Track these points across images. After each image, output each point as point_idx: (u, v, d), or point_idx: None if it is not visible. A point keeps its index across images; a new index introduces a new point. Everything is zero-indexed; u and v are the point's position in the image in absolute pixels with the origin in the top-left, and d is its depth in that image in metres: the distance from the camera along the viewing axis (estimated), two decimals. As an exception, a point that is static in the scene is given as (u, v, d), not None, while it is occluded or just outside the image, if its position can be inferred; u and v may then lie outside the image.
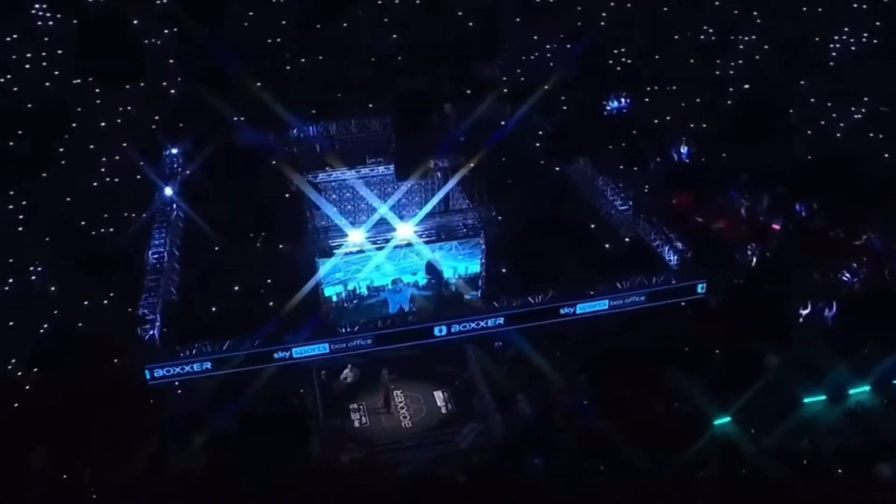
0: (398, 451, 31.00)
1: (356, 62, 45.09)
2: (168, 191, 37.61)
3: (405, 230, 33.94)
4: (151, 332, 31.32)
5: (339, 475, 29.45)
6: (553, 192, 40.16)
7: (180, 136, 40.08)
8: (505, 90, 43.63)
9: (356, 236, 33.55)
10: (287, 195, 36.53)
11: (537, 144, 42.93)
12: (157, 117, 42.09)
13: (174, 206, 37.68)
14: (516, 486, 28.26)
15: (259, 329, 31.65)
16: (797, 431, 31.11)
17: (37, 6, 46.39)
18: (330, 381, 33.81)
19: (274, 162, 38.83)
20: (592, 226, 39.55)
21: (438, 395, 33.63)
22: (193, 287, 35.46)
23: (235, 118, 40.26)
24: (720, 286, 35.95)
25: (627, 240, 38.37)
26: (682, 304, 35.87)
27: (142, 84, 44.19)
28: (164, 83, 43.70)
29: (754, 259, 38.94)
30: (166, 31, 45.79)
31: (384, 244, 33.65)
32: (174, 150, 40.27)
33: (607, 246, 38.24)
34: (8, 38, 45.49)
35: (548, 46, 48.34)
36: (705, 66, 48.68)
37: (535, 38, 48.59)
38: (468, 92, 42.61)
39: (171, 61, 43.86)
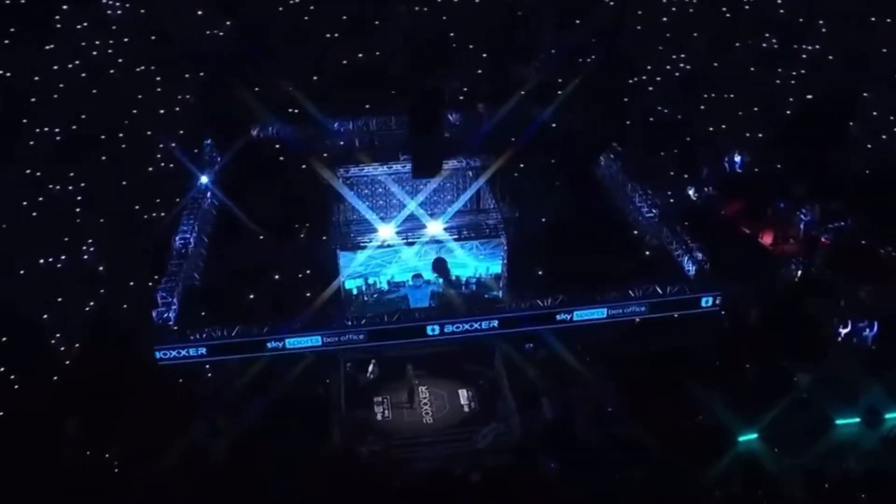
0: (416, 447, 31.39)
1: (399, 58, 45.42)
2: (203, 179, 38.71)
3: (434, 227, 34.57)
4: (167, 315, 32.26)
5: (357, 466, 29.99)
6: (581, 194, 39.83)
7: (221, 126, 41.25)
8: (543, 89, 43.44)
9: (386, 231, 34.30)
10: (318, 189, 37.05)
11: (565, 145, 42.54)
12: (205, 107, 43.15)
13: (209, 194, 38.86)
14: (529, 489, 28.33)
15: (274, 318, 32.34)
16: (826, 453, 30.23)
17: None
18: (355, 373, 34.35)
19: (326, 154, 39.57)
20: (617, 231, 39.06)
21: (463, 394, 33.90)
22: (217, 274, 36.38)
23: (275, 111, 41.14)
24: (750, 299, 35.23)
25: (653, 246, 37.92)
26: (722, 312, 35.26)
27: (201, 74, 45.45)
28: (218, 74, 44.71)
29: (799, 273, 38.04)
30: (228, 23, 47.02)
31: (410, 240, 34.34)
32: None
33: (629, 252, 37.84)
34: (79, 26, 47.20)
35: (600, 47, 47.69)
36: (765, 73, 47.43)
37: (593, 41, 47.99)
38: (503, 90, 42.60)
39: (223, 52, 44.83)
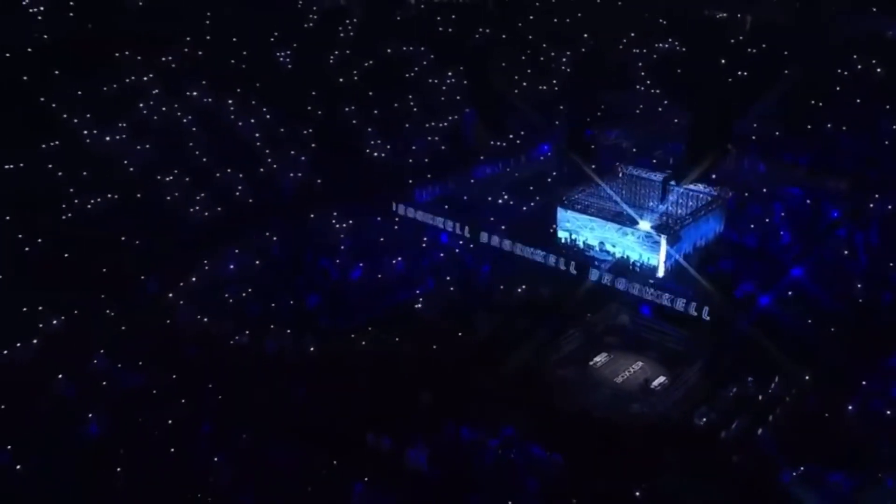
0: (592, 388, 42.10)
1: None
2: None
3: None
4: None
5: (545, 378, 41.91)
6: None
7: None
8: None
9: (644, 226, 48.35)
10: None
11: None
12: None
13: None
14: (624, 455, 36.92)
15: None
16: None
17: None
18: (602, 328, 46.23)
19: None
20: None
21: (659, 379, 42.81)
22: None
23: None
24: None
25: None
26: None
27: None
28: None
29: None
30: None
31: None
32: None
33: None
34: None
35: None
36: None
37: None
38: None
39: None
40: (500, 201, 58.48)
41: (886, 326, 43.90)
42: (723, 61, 66.14)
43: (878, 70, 61.60)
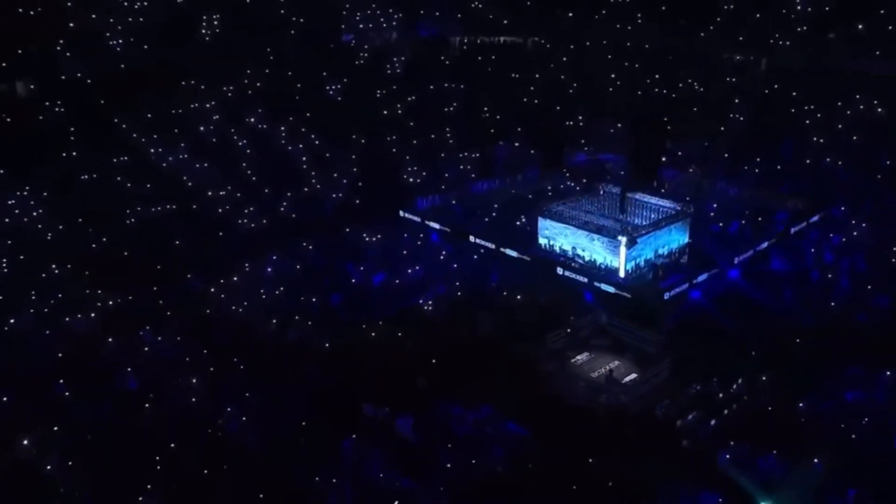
0: (570, 380, 47.25)
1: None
2: None
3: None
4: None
5: (533, 371, 47.29)
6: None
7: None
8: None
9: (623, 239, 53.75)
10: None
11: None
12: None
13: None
14: (584, 436, 41.95)
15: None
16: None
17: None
18: (587, 332, 51.46)
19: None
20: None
21: (631, 376, 47.79)
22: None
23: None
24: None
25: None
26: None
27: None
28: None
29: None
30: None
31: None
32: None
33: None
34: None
35: None
36: None
37: None
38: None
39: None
40: (496, 213, 66.11)
41: (854, 339, 47.84)
42: (736, 101, 71.37)
43: (879, 110, 65.56)
